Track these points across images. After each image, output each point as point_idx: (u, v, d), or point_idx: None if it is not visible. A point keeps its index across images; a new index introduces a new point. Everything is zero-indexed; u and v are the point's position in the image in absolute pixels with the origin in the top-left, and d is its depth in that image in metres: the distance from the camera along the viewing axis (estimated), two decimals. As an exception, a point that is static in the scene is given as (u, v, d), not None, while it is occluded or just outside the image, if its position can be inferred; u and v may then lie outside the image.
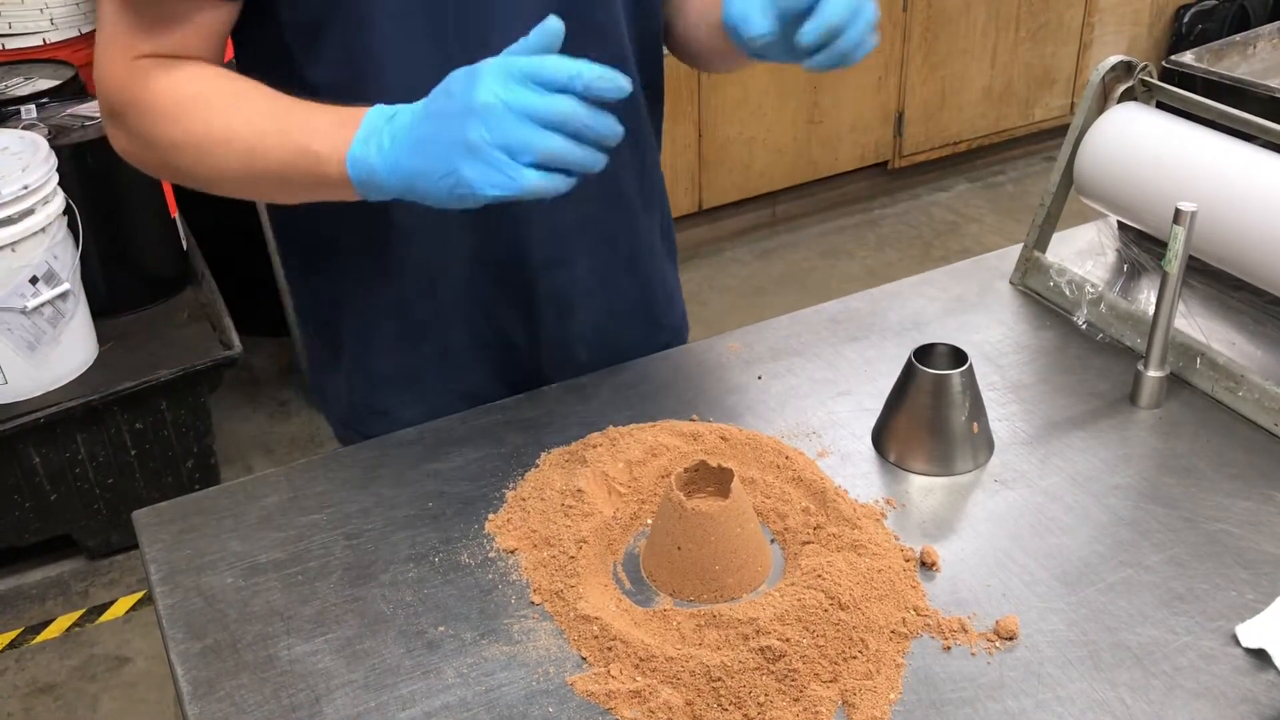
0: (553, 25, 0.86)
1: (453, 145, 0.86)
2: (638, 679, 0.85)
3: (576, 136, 0.85)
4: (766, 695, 0.84)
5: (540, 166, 0.85)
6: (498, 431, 1.15)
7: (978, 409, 1.08)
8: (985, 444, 1.10)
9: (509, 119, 0.84)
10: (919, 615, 0.91)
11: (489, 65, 0.86)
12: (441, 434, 1.15)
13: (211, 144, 0.98)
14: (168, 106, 0.99)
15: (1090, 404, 1.17)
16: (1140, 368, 1.16)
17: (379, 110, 0.92)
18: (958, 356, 1.08)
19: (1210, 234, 1.17)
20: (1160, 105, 1.30)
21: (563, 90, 0.84)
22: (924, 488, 1.06)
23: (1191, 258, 1.15)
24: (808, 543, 0.97)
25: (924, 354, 1.09)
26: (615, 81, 0.84)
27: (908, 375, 1.08)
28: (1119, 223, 1.46)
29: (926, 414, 1.07)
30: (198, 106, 0.98)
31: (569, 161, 0.85)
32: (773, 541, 1.00)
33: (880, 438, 1.11)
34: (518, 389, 1.21)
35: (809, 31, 0.92)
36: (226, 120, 0.98)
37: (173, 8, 0.99)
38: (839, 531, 0.97)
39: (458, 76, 0.87)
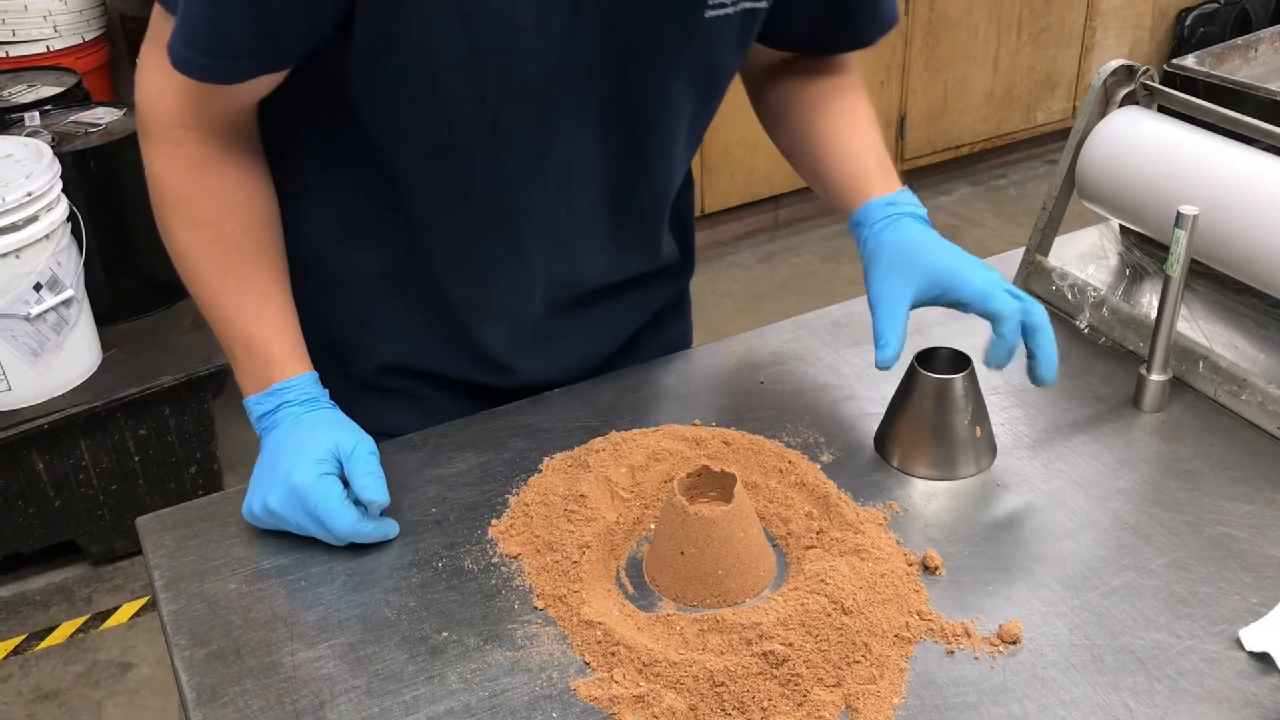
0: (382, 499, 1.00)
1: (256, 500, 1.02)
2: (641, 684, 0.85)
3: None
4: (770, 700, 0.84)
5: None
6: (500, 437, 1.15)
7: (980, 413, 1.08)
8: (988, 448, 1.09)
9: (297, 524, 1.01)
10: (922, 619, 0.91)
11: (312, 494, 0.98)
12: (444, 439, 1.15)
13: (185, 260, 1.07)
14: (178, 198, 1.06)
15: (1093, 408, 1.17)
16: (1143, 371, 1.16)
17: (277, 397, 1.04)
18: (960, 361, 1.08)
19: (1212, 237, 1.17)
20: (1162, 109, 1.31)
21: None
22: (927, 492, 1.06)
23: (1194, 261, 1.15)
24: (810, 547, 0.97)
25: (926, 358, 1.09)
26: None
27: (910, 379, 1.08)
28: (1121, 226, 1.46)
29: (929, 418, 1.07)
30: (197, 225, 1.06)
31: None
32: (775, 546, 1.00)
33: (883, 442, 1.11)
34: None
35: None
36: (206, 262, 1.07)
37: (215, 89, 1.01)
38: (842, 536, 0.97)
39: (295, 488, 0.99)
